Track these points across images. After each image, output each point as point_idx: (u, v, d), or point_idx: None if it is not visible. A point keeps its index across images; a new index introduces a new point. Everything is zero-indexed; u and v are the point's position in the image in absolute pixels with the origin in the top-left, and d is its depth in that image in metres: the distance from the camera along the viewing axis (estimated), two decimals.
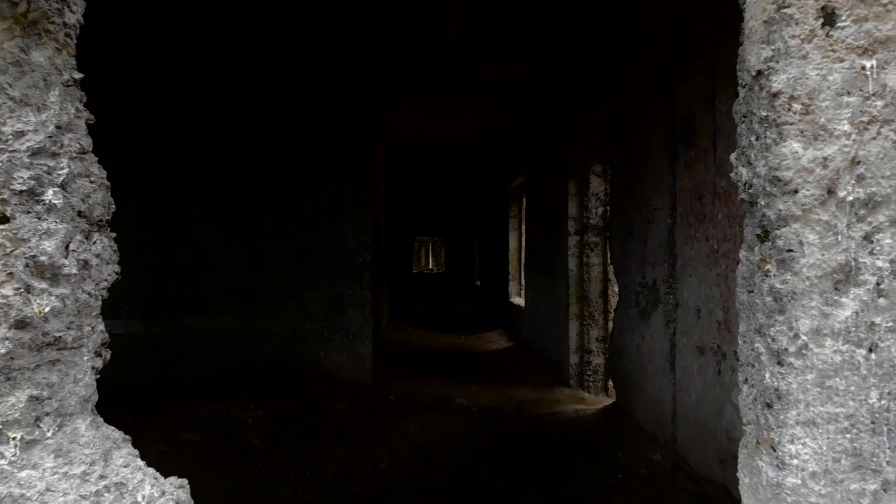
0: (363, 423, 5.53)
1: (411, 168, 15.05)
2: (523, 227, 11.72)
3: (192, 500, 1.25)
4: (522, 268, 11.75)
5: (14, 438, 1.06)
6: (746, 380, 1.23)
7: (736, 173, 1.26)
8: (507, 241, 12.86)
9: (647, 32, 4.60)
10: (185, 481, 1.21)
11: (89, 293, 1.14)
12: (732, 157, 1.28)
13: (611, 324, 5.79)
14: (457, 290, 21.06)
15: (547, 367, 7.97)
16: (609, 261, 5.91)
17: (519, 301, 11.48)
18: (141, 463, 1.16)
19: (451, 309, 18.79)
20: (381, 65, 6.30)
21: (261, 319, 6.37)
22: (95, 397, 1.16)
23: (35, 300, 1.06)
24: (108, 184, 1.18)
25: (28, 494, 1.06)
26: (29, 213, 1.06)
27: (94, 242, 1.15)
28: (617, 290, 5.51)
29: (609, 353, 5.84)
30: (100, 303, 1.17)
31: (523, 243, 11.70)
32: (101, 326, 1.17)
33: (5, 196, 1.04)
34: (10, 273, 1.04)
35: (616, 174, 5.61)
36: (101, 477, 1.10)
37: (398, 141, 11.38)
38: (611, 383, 5.91)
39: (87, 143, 1.16)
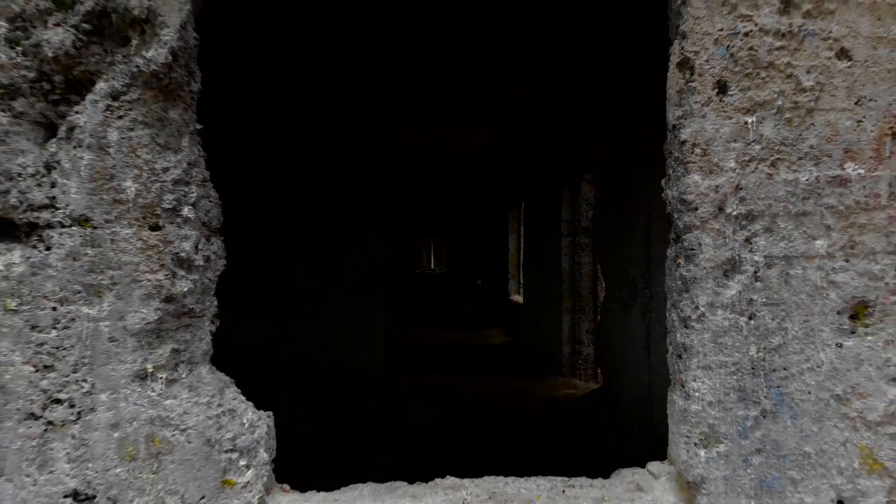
0: (380, 410, 5.98)
1: (416, 173, 15.47)
2: (522, 229, 12.15)
3: (274, 429, 1.69)
4: (521, 267, 12.19)
5: (161, 378, 1.51)
6: (670, 341, 1.67)
7: (664, 194, 1.70)
8: (506, 242, 13.30)
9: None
10: (271, 413, 1.66)
11: (209, 279, 1.59)
12: (662, 182, 1.72)
13: (599, 317, 6.22)
14: (458, 290, 21.46)
15: (543, 359, 8.41)
16: (597, 260, 6.35)
17: (518, 299, 11.92)
18: (243, 398, 1.60)
19: (453, 307, 19.21)
20: (407, 84, 6.34)
21: (289, 323, 6.73)
22: (211, 351, 1.60)
23: (177, 283, 1.51)
24: (220, 202, 1.63)
25: (171, 416, 1.51)
26: (173, 223, 1.51)
27: (212, 243, 1.60)
28: (604, 286, 5.94)
29: (597, 344, 6.27)
30: (214, 286, 1.61)
31: (522, 244, 12.13)
32: (215, 302, 1.62)
33: (158, 212, 1.49)
34: (162, 264, 1.49)
35: (604, 182, 6.04)
36: (219, 405, 1.55)
37: (405, 148, 11.75)
38: (599, 371, 6.35)
39: (207, 174, 1.60)
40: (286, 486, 1.67)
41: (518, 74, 6.10)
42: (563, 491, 1.61)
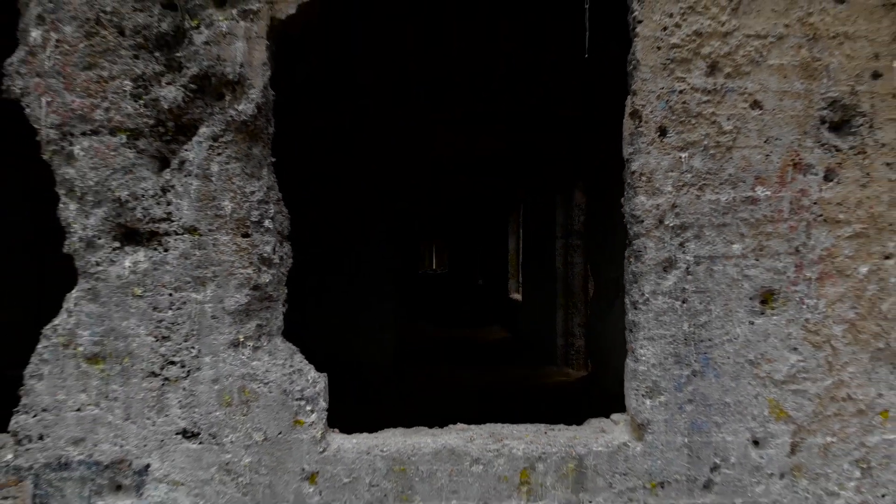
0: (392, 397, 6.48)
1: (419, 179, 15.91)
2: (521, 232, 12.65)
3: (328, 386, 2.18)
4: (520, 267, 12.68)
5: (249, 345, 2.01)
6: (626, 321, 2.17)
7: (623, 210, 2.19)
8: (506, 244, 13.79)
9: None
10: (325, 374, 2.15)
11: (282, 273, 2.08)
12: (622, 200, 2.21)
13: (589, 312, 6.71)
14: (460, 290, 21.92)
15: (539, 351, 8.90)
16: (588, 260, 6.84)
17: (517, 297, 12.41)
18: (307, 361, 2.10)
19: (455, 306, 19.68)
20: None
21: (309, 321, 7.19)
22: (283, 327, 2.09)
23: (261, 275, 2.00)
24: (289, 216, 2.12)
25: (257, 373, 2.01)
26: (258, 232, 2.00)
27: (284, 247, 2.10)
28: (593, 284, 6.43)
29: (587, 336, 6.76)
30: (285, 278, 2.11)
31: (521, 246, 12.63)
32: (286, 291, 2.11)
33: (248, 223, 1.99)
34: (251, 262, 1.99)
35: (594, 191, 6.54)
36: (290, 366, 2.05)
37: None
38: (589, 360, 6.84)
39: (280, 195, 2.10)
40: (336, 430, 2.16)
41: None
42: (546, 433, 2.11)
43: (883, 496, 2.18)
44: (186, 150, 2.00)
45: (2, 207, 7.33)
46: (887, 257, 2.12)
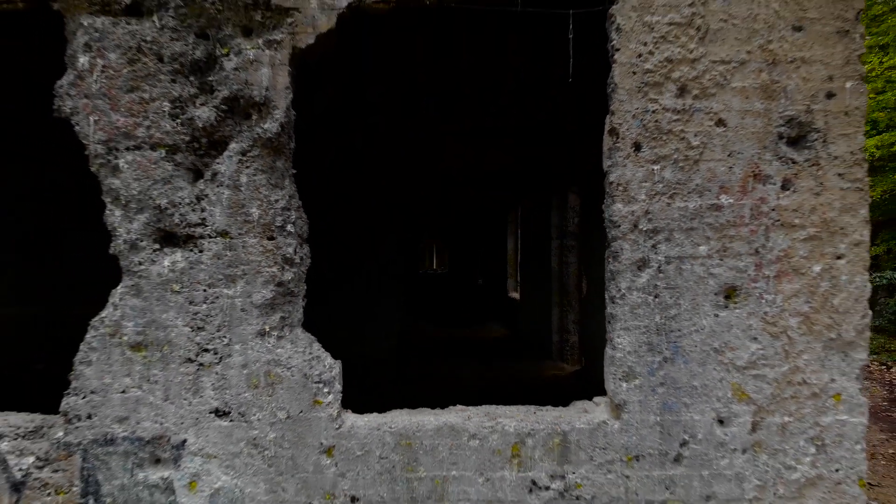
0: (396, 390, 6.74)
1: (422, 183, 16.13)
2: (519, 232, 12.90)
3: (342, 371, 2.43)
4: (518, 267, 12.94)
5: (274, 334, 2.26)
6: (605, 314, 2.42)
7: (603, 216, 2.45)
8: (505, 245, 14.05)
9: None
10: (339, 361, 2.40)
11: (302, 272, 2.34)
12: (603, 207, 2.47)
13: (582, 309, 6.97)
14: (460, 289, 22.18)
15: (536, 348, 9.15)
16: (581, 260, 7.10)
17: (515, 296, 12.67)
18: (324, 349, 2.35)
19: (455, 305, 19.95)
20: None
21: (319, 319, 7.49)
22: (303, 319, 2.35)
23: (285, 273, 2.26)
24: (308, 221, 2.38)
25: (281, 359, 2.26)
26: (281, 235, 2.26)
27: (303, 248, 2.35)
28: (586, 283, 6.69)
29: (580, 332, 7.02)
30: (305, 276, 2.36)
31: (519, 247, 12.88)
32: (305, 287, 2.36)
33: (272, 228, 2.24)
34: (275, 262, 2.24)
35: (587, 194, 6.79)
36: (310, 353, 2.30)
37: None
38: (583, 356, 7.09)
39: (300, 203, 2.35)
40: (349, 410, 2.42)
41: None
42: (534, 412, 2.36)
43: (837, 470, 2.43)
44: (218, 163, 2.26)
45: (16, 206, 7.58)
46: (839, 257, 2.37)
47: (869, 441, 5.80)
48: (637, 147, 2.30)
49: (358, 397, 5.84)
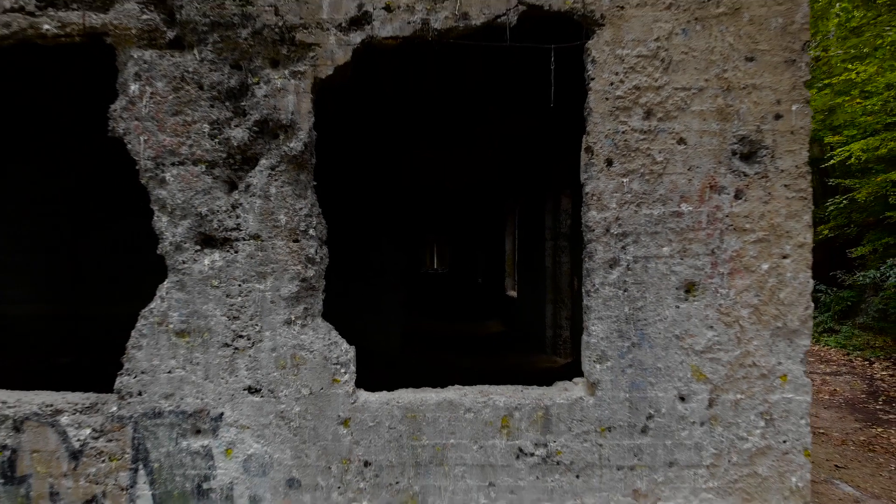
0: (399, 381, 7.11)
1: (424, 184, 16.47)
2: (517, 233, 13.25)
3: (355, 355, 2.79)
4: (516, 266, 13.30)
5: (298, 323, 2.63)
6: (582, 305, 2.78)
7: (582, 220, 2.80)
8: (503, 245, 14.41)
9: None
10: (353, 346, 2.76)
11: (322, 269, 2.70)
12: (582, 211, 2.82)
13: (574, 306, 7.33)
14: (460, 287, 22.57)
15: (532, 343, 9.51)
16: (573, 260, 7.46)
17: (512, 293, 13.04)
18: (340, 336, 2.71)
19: (456, 302, 20.33)
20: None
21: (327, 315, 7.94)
22: (322, 310, 2.71)
23: (308, 271, 2.62)
24: (326, 225, 2.74)
25: (304, 344, 2.63)
26: (304, 238, 2.62)
27: (323, 249, 2.71)
28: (578, 280, 7.04)
29: (572, 328, 7.38)
30: (324, 272, 2.72)
31: (516, 246, 13.24)
32: (324, 283, 2.72)
33: (297, 232, 2.61)
34: (300, 261, 2.60)
35: (579, 196, 7.14)
36: (329, 339, 2.66)
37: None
38: (574, 349, 7.44)
39: (320, 210, 2.71)
40: (362, 388, 2.78)
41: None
42: (521, 390, 2.72)
43: (784, 442, 2.78)
44: (251, 176, 2.62)
45: (42, 208, 7.94)
46: (784, 257, 2.72)
47: (843, 429, 6.14)
48: (609, 162, 2.65)
49: (367, 384, 6.24)
